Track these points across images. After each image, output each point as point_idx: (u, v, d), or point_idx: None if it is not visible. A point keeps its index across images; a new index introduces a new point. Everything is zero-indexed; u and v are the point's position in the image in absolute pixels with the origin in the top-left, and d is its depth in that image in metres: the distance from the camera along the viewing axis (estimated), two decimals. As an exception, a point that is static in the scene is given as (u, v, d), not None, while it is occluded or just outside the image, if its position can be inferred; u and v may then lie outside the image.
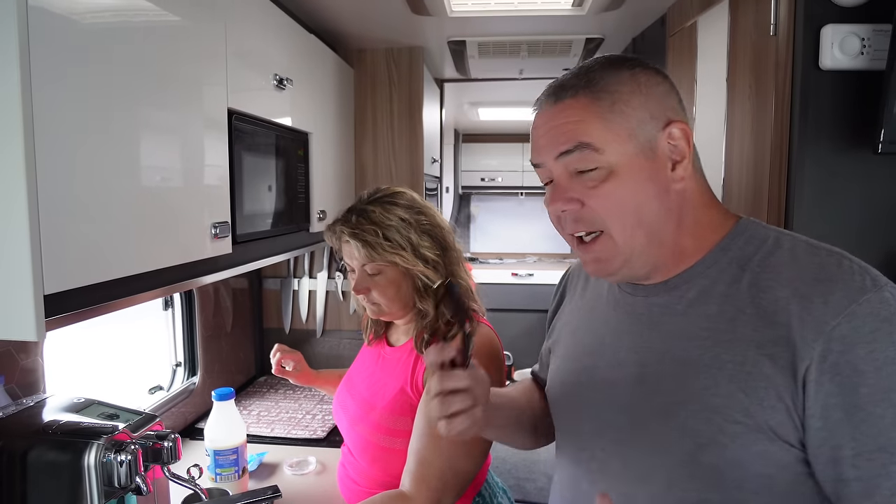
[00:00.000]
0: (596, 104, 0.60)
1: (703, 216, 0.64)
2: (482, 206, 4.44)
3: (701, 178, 0.65)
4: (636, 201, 0.61)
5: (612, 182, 0.60)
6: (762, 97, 1.11)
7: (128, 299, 0.78)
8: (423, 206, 1.11)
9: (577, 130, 0.61)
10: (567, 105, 0.62)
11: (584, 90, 0.61)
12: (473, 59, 2.11)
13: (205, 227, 0.96)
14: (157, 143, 0.85)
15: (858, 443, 0.52)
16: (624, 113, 0.60)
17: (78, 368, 1.22)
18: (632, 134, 0.60)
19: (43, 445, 0.80)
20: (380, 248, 1.03)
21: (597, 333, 0.72)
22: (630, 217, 0.61)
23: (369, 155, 1.98)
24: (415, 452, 0.99)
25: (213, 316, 1.71)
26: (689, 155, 0.62)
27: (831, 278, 0.56)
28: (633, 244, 0.62)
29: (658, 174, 0.61)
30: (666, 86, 0.64)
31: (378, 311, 1.10)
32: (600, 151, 0.60)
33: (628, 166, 0.60)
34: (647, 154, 0.61)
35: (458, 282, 0.75)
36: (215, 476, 1.16)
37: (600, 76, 0.61)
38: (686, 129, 0.62)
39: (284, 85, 1.28)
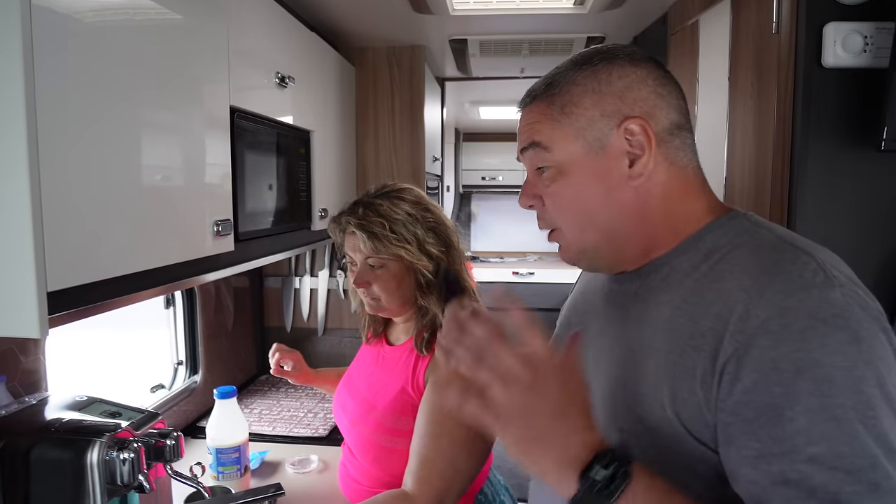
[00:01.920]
0: (550, 108, 0.63)
1: (679, 208, 0.63)
2: (483, 205, 4.44)
3: (678, 170, 0.63)
4: (583, 200, 0.63)
5: (561, 181, 0.63)
6: (764, 95, 1.11)
7: (130, 297, 0.78)
8: (429, 204, 1.12)
9: (531, 131, 0.65)
10: (529, 109, 0.66)
11: (543, 95, 0.65)
12: (475, 58, 2.10)
13: (207, 224, 0.96)
14: (160, 140, 0.85)
15: (763, 444, 0.49)
16: (573, 114, 0.62)
17: (80, 368, 1.22)
18: (579, 133, 0.62)
19: (46, 443, 0.80)
20: (386, 241, 1.04)
21: (583, 319, 0.74)
22: (578, 215, 0.64)
23: (371, 153, 1.98)
24: (416, 452, 0.99)
25: (215, 314, 1.71)
26: (650, 149, 0.60)
27: (778, 272, 0.53)
28: (583, 240, 0.65)
29: (610, 171, 0.62)
30: (632, 78, 0.62)
31: (377, 305, 1.10)
32: (549, 150, 0.63)
33: (575, 165, 0.62)
34: (597, 152, 0.62)
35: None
36: (217, 474, 1.16)
37: (559, 79, 0.64)
38: (644, 124, 0.60)
39: (286, 83, 1.28)
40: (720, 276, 0.57)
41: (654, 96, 0.62)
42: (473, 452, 0.99)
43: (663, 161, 0.62)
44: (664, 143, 0.61)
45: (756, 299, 0.52)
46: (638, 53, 0.64)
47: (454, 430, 0.99)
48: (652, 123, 0.60)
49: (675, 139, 0.62)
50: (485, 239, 4.44)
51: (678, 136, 0.62)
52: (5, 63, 0.58)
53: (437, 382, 1.01)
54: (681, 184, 0.63)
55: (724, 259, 0.58)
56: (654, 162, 0.61)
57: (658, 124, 0.61)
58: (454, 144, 3.75)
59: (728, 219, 0.63)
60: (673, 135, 0.62)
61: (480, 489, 1.13)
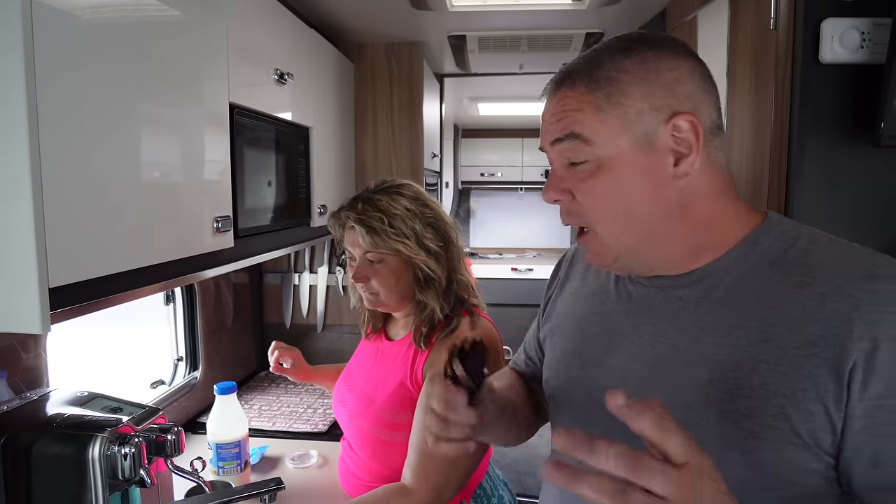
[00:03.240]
0: (593, 94, 0.58)
1: (720, 209, 0.61)
2: (482, 202, 4.45)
3: (718, 171, 0.60)
4: (624, 198, 0.59)
5: (601, 177, 0.59)
6: (762, 91, 1.11)
7: (131, 293, 0.78)
8: (427, 200, 1.12)
9: (570, 120, 0.59)
10: (566, 93, 0.60)
11: (584, 78, 0.59)
12: (473, 54, 2.10)
13: (207, 221, 0.96)
14: (160, 137, 0.85)
15: None
16: (621, 104, 0.57)
17: (80, 364, 1.23)
18: (627, 127, 0.57)
19: (47, 438, 0.80)
20: (385, 235, 1.04)
21: (604, 325, 0.69)
22: (617, 215, 0.60)
23: (370, 150, 1.98)
24: (415, 446, 1.00)
25: (214, 311, 1.71)
26: (696, 148, 0.57)
27: (877, 276, 0.53)
28: (621, 243, 0.61)
29: (655, 169, 0.58)
30: (682, 70, 0.58)
31: (376, 300, 1.10)
32: (591, 144, 0.58)
33: (619, 161, 0.58)
34: (644, 148, 0.58)
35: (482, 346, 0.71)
36: (218, 469, 1.17)
37: (604, 62, 0.59)
38: (695, 121, 0.57)
39: (285, 80, 1.28)
40: (806, 283, 0.56)
41: (700, 92, 0.58)
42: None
43: (706, 161, 0.59)
44: (707, 142, 0.58)
45: (868, 305, 0.52)
46: (683, 45, 0.61)
47: None
48: (700, 120, 0.57)
49: (715, 139, 0.59)
50: (484, 235, 4.44)
51: (718, 135, 0.60)
52: (7, 59, 0.58)
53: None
54: (722, 185, 0.61)
55: (800, 266, 0.57)
56: (698, 162, 0.58)
57: (704, 122, 0.58)
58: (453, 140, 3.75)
59: (772, 221, 0.62)
60: (714, 134, 0.59)
61: (479, 483, 1.14)
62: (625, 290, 0.68)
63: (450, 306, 1.08)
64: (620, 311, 0.67)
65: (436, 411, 0.62)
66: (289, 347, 1.33)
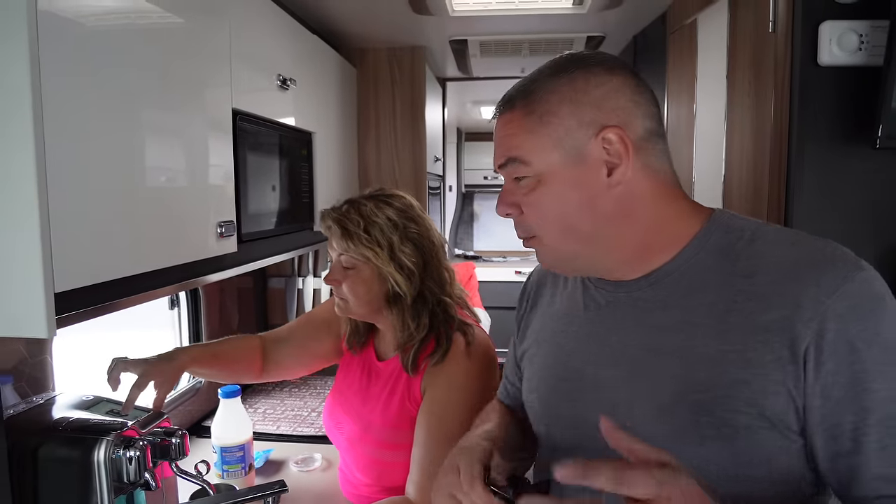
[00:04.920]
0: (527, 117, 0.63)
1: (665, 211, 0.64)
2: (485, 205, 4.45)
3: (659, 175, 0.64)
4: (562, 208, 0.63)
5: (539, 191, 0.64)
6: (762, 94, 1.12)
7: (136, 297, 0.79)
8: (417, 216, 1.08)
9: (509, 145, 0.65)
10: (506, 119, 0.66)
11: (520, 103, 0.64)
12: (475, 58, 2.12)
13: (211, 225, 0.97)
14: (163, 143, 0.86)
15: (857, 417, 0.54)
16: (551, 123, 0.62)
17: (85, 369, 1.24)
18: (558, 143, 0.62)
19: (53, 442, 0.81)
20: (357, 240, 1.02)
21: (578, 335, 0.72)
22: (556, 223, 0.64)
23: (372, 154, 1.99)
24: (417, 461, 0.99)
25: (219, 315, 1.73)
26: (627, 158, 0.61)
27: (821, 260, 0.57)
28: (563, 248, 0.66)
29: (589, 180, 0.62)
30: (609, 86, 0.62)
31: (345, 307, 1.08)
32: (527, 163, 0.63)
33: (554, 175, 0.63)
34: (575, 162, 0.62)
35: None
36: (222, 472, 1.17)
37: (537, 86, 0.64)
38: (622, 133, 0.61)
39: (288, 85, 1.30)
40: (756, 272, 0.59)
41: (630, 104, 0.62)
42: None
43: (642, 168, 0.63)
44: (641, 150, 0.62)
45: (813, 287, 0.55)
46: (612, 60, 0.65)
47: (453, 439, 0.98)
48: (629, 132, 0.61)
49: (651, 146, 0.63)
50: (487, 238, 4.45)
51: (653, 142, 0.64)
52: (12, 67, 0.59)
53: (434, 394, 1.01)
54: (662, 188, 0.65)
55: (749, 257, 0.61)
56: (632, 170, 0.62)
57: (634, 132, 0.62)
58: (456, 144, 3.77)
59: (717, 217, 0.66)
60: (649, 141, 0.63)
61: None
62: (593, 299, 0.71)
63: (422, 327, 1.03)
64: (591, 320, 0.70)
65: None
66: (134, 361, 0.98)
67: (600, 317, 0.70)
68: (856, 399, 0.54)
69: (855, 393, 0.54)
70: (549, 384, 0.74)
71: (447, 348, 1.02)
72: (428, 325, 1.04)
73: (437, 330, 1.04)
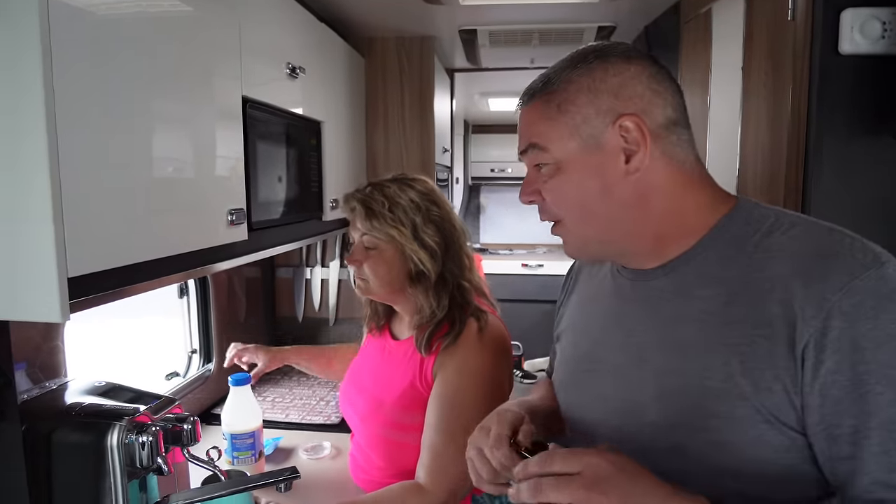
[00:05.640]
0: (546, 107, 0.65)
1: (683, 200, 0.65)
2: (492, 197, 4.43)
3: (677, 164, 0.64)
4: (580, 195, 0.65)
5: (559, 177, 0.65)
6: (779, 84, 1.10)
7: (148, 283, 0.79)
8: (439, 199, 1.11)
9: (529, 132, 0.67)
10: (527, 110, 0.68)
11: (540, 94, 0.66)
12: (484, 49, 2.10)
13: (221, 213, 0.97)
14: (175, 130, 0.86)
15: (857, 420, 0.53)
16: (569, 112, 0.63)
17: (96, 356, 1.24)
18: (575, 131, 0.63)
19: (67, 427, 0.82)
20: (382, 219, 1.04)
21: (599, 321, 0.74)
22: (576, 209, 0.66)
23: (381, 144, 1.98)
24: (428, 446, 1.00)
25: (227, 304, 1.73)
26: (645, 146, 0.62)
27: (831, 254, 0.56)
28: (584, 233, 0.67)
29: (607, 167, 0.63)
30: (627, 75, 0.63)
31: (365, 287, 1.10)
32: (546, 150, 0.65)
33: (572, 162, 0.64)
34: (593, 149, 0.63)
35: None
36: (233, 459, 1.18)
37: (556, 77, 0.65)
38: (639, 121, 0.61)
39: (297, 74, 1.29)
40: (765, 264, 0.59)
41: (648, 93, 0.63)
42: None
43: (661, 157, 0.63)
44: (660, 139, 0.63)
45: (819, 283, 0.54)
46: (633, 51, 0.66)
47: (465, 423, 0.99)
48: (647, 120, 0.62)
49: (671, 135, 0.64)
50: (494, 231, 4.43)
51: (674, 131, 0.64)
52: (25, 55, 0.59)
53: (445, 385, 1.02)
54: (682, 178, 0.65)
55: (761, 249, 0.60)
56: (650, 158, 0.63)
57: (653, 121, 0.63)
58: (463, 136, 3.75)
59: (741, 207, 0.65)
60: (669, 130, 0.63)
61: None
62: (617, 287, 0.73)
63: (442, 307, 1.05)
64: (612, 307, 0.72)
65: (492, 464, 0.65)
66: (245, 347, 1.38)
67: (620, 304, 0.71)
68: (858, 401, 0.52)
69: (858, 395, 0.52)
70: (570, 368, 0.77)
71: (460, 331, 1.04)
72: (447, 307, 1.04)
73: (453, 313, 1.05)
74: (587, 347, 0.74)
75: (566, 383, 0.78)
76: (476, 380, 1.02)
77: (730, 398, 0.57)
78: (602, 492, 0.51)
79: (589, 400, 0.72)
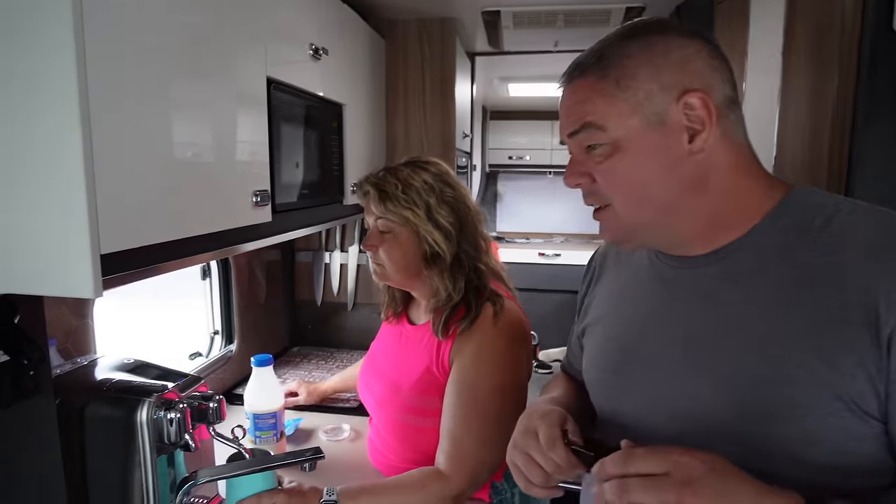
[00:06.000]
0: (602, 82, 0.61)
1: (741, 183, 0.62)
2: (509, 185, 4.40)
3: (737, 145, 0.62)
4: (639, 176, 0.61)
5: (616, 158, 0.61)
6: (823, 65, 1.05)
7: (177, 262, 0.80)
8: (453, 182, 1.10)
9: (583, 111, 0.62)
10: (577, 85, 0.63)
11: (593, 68, 0.62)
12: (508, 31, 2.06)
13: (247, 194, 0.97)
14: (202, 111, 0.86)
15: None
16: (629, 88, 0.60)
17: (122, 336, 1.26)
18: (637, 108, 0.60)
19: (98, 401, 0.83)
20: (396, 201, 1.04)
21: (639, 309, 0.71)
22: (633, 191, 0.62)
23: (401, 128, 1.96)
24: (447, 432, 1.00)
25: (248, 287, 1.74)
26: (710, 124, 0.59)
27: None
28: (638, 217, 0.63)
29: (669, 146, 0.60)
30: (690, 49, 0.60)
31: (382, 272, 1.10)
32: (603, 129, 0.61)
33: (633, 141, 0.60)
34: (656, 127, 0.60)
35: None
36: (255, 439, 1.19)
37: (610, 51, 0.61)
38: (705, 97, 0.59)
39: (320, 55, 1.28)
40: (833, 249, 0.57)
41: (709, 69, 0.61)
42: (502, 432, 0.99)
43: (722, 137, 0.61)
44: (722, 117, 0.61)
45: None
46: (686, 26, 0.63)
47: (482, 411, 0.99)
48: (711, 97, 0.59)
49: (730, 114, 0.62)
50: (511, 219, 4.40)
51: (732, 110, 0.62)
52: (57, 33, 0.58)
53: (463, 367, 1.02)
54: (740, 160, 0.62)
55: (826, 234, 0.58)
56: (713, 137, 0.60)
57: (716, 98, 0.60)
58: (481, 122, 3.71)
59: (797, 192, 0.63)
60: (729, 109, 0.62)
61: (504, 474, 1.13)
62: (657, 275, 0.70)
63: (459, 290, 1.05)
64: (654, 294, 0.69)
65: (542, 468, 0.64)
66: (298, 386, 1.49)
67: (664, 292, 0.68)
68: None
69: None
70: (608, 356, 0.74)
71: (476, 315, 1.03)
72: (463, 290, 1.04)
73: (469, 296, 1.05)
74: (628, 341, 0.71)
75: (603, 380, 0.74)
76: (492, 366, 1.01)
77: (806, 386, 0.55)
78: (694, 493, 0.49)
79: (634, 396, 0.68)
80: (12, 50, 0.58)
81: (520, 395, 1.05)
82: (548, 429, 0.64)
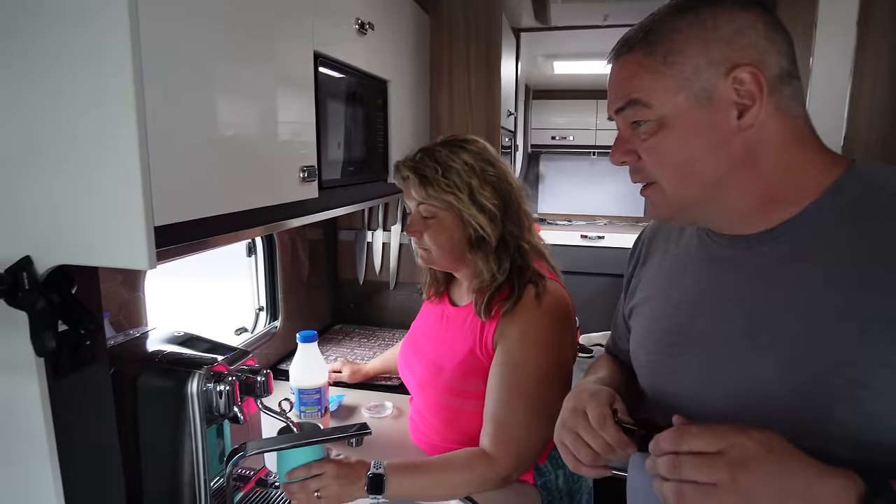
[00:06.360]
0: (649, 58, 0.60)
1: (796, 158, 0.60)
2: (551, 166, 4.30)
3: (791, 120, 0.60)
4: (686, 153, 0.60)
5: (662, 134, 0.60)
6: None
7: (227, 236, 0.80)
8: (493, 158, 1.06)
9: (629, 87, 0.61)
10: (625, 61, 0.62)
11: (641, 44, 0.61)
12: (556, 4, 1.98)
13: (294, 170, 0.97)
14: (251, 86, 0.85)
15: None
16: (676, 63, 0.58)
17: (169, 311, 1.29)
18: (684, 84, 0.58)
19: (151, 372, 0.85)
20: (437, 186, 1.01)
21: (690, 289, 0.69)
22: (678, 169, 0.61)
23: (445, 105, 1.93)
24: (491, 415, 0.99)
25: (292, 265, 1.77)
26: (761, 99, 0.57)
27: None
28: (684, 194, 0.62)
29: (717, 123, 0.58)
30: (741, 23, 0.58)
31: (428, 257, 1.08)
32: (650, 106, 0.60)
33: (678, 118, 0.59)
34: (703, 103, 0.58)
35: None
36: (300, 413, 1.21)
37: (658, 26, 0.60)
38: (756, 71, 0.56)
39: (366, 30, 1.25)
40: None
41: (764, 42, 0.58)
42: (547, 414, 0.97)
43: (775, 111, 0.58)
44: (775, 91, 0.58)
45: None
46: None
47: (527, 394, 0.97)
48: (763, 71, 0.56)
49: (785, 87, 0.59)
50: (553, 201, 4.32)
51: (789, 84, 0.59)
52: (112, 10, 0.58)
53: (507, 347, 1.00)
54: (795, 134, 0.60)
55: (888, 205, 0.56)
56: (764, 112, 0.57)
57: (769, 72, 0.57)
58: (524, 102, 3.62)
59: (859, 167, 0.60)
60: (784, 83, 0.59)
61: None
62: (708, 254, 0.67)
63: (503, 271, 1.02)
64: (706, 274, 0.67)
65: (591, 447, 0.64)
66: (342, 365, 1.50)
67: (716, 271, 0.66)
68: None
69: None
70: (657, 337, 0.72)
71: (519, 296, 1.01)
72: (507, 271, 1.01)
73: (512, 277, 1.02)
74: (677, 321, 0.69)
75: (652, 361, 0.73)
76: (536, 349, 0.99)
77: (872, 366, 0.53)
78: (749, 472, 0.48)
79: (687, 377, 0.67)
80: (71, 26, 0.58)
81: (565, 376, 1.02)
82: (598, 407, 0.63)
